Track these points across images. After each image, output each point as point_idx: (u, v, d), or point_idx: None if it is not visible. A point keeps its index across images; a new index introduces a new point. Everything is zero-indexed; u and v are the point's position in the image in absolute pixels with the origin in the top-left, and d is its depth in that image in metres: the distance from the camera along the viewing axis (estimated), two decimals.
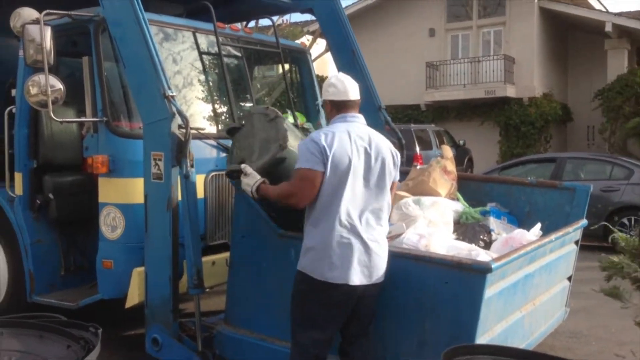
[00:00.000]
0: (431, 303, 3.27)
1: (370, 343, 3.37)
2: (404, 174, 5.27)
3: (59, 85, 4.15)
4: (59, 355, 2.28)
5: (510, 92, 20.01)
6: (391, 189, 3.39)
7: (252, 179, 3.48)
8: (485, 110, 20.66)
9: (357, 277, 3.13)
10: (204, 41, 5.07)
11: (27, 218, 4.73)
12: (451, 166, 4.96)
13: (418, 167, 7.58)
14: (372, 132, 3.35)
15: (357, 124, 3.34)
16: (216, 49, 5.05)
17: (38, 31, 4.08)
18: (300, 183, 3.18)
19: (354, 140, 3.21)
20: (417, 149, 15.32)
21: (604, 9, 21.33)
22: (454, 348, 1.91)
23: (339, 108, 3.35)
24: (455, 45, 21.73)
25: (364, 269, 3.16)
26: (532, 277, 3.76)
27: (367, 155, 3.23)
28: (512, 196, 4.37)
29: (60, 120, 4.29)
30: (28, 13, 4.37)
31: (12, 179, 4.79)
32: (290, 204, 3.26)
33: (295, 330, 3.26)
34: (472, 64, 20.75)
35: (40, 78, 4.08)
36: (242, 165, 3.58)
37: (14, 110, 4.76)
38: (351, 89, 3.38)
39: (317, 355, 3.21)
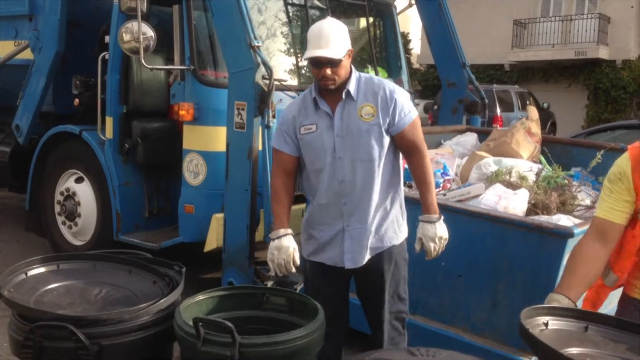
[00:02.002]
0: (507, 265, 3.23)
1: None
2: (484, 135, 5.17)
3: (150, 32, 4.27)
4: (146, 290, 2.40)
5: (603, 53, 18.98)
6: None
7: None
8: (573, 72, 19.76)
9: None
10: None
11: (116, 161, 4.93)
12: (536, 128, 4.80)
13: (498, 128, 7.38)
14: None
15: None
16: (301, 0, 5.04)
17: None
18: None
19: None
20: (498, 110, 14.86)
21: None
22: (534, 308, 1.89)
23: None
24: (547, 2, 20.71)
25: None
26: None
27: None
28: (600, 162, 4.19)
29: (151, 67, 4.42)
30: None
31: (103, 122, 4.99)
32: None
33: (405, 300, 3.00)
34: (563, 22, 19.77)
35: (134, 25, 4.19)
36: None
37: (107, 57, 4.92)
38: None
39: None
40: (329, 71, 2.68)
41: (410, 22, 21.39)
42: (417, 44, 23.13)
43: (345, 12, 6.04)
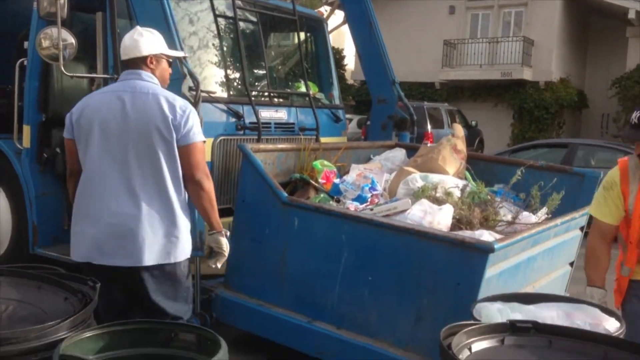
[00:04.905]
0: (431, 280, 3.26)
1: None
2: (413, 150, 5.25)
3: (71, 39, 4.10)
4: (56, 307, 2.27)
5: (527, 75, 19.78)
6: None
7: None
8: (500, 92, 20.48)
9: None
10: (221, 3, 5.00)
11: (33, 171, 4.73)
12: (461, 145, 4.91)
13: (428, 144, 7.53)
14: (139, 89, 3.01)
15: (129, 81, 3.05)
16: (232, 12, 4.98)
17: None
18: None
19: (109, 101, 2.98)
20: (429, 127, 15.24)
21: None
22: (453, 325, 1.90)
23: (126, 67, 3.14)
24: (475, 25, 21.45)
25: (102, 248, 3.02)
26: (534, 260, 3.74)
27: (124, 116, 2.94)
28: (520, 178, 4.32)
29: (71, 75, 4.26)
30: None
31: (20, 131, 4.78)
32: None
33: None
34: (490, 44, 20.50)
35: (53, 31, 4.02)
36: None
37: (25, 63, 4.72)
38: (144, 44, 3.05)
39: None
40: None
41: (345, 39, 21.69)
42: (351, 60, 23.45)
43: (276, 26, 6.03)
